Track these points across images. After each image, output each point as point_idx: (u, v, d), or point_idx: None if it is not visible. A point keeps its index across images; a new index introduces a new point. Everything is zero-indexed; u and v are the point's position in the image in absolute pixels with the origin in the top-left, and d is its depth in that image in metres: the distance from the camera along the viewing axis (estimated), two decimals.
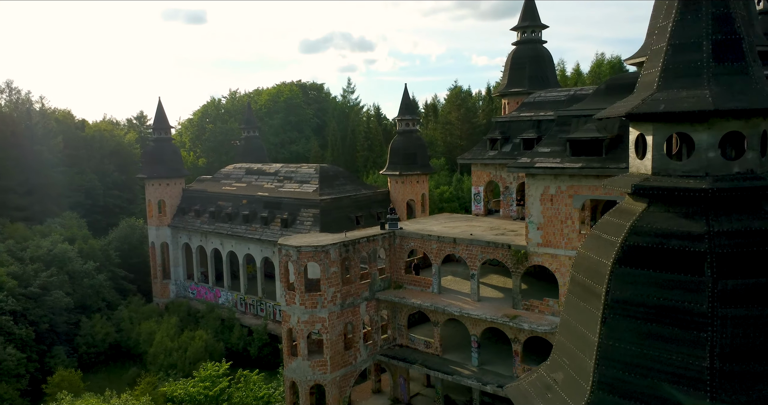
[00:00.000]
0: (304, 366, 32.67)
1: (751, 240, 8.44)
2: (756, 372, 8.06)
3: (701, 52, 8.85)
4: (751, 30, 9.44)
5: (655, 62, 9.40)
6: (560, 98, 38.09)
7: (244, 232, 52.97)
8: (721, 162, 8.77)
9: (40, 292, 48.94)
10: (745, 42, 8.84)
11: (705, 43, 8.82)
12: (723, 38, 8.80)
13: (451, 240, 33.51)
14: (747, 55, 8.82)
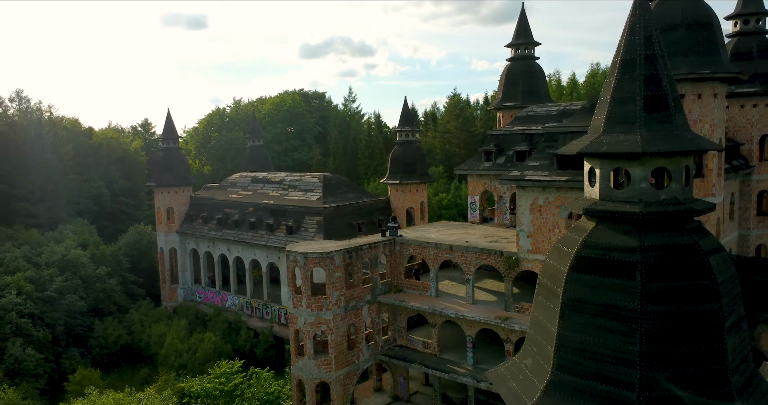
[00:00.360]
0: (311, 365, 35.04)
1: (673, 252, 10.85)
2: (674, 354, 10.47)
3: (635, 105, 11.29)
4: (675, 87, 11.87)
5: (602, 111, 11.86)
6: (551, 113, 40.56)
7: (250, 238, 55.38)
8: (651, 191, 11.19)
9: (56, 295, 51.38)
10: (669, 97, 11.27)
11: (638, 98, 11.27)
12: (652, 94, 11.23)
13: (447, 247, 35.95)
14: (671, 107, 11.25)
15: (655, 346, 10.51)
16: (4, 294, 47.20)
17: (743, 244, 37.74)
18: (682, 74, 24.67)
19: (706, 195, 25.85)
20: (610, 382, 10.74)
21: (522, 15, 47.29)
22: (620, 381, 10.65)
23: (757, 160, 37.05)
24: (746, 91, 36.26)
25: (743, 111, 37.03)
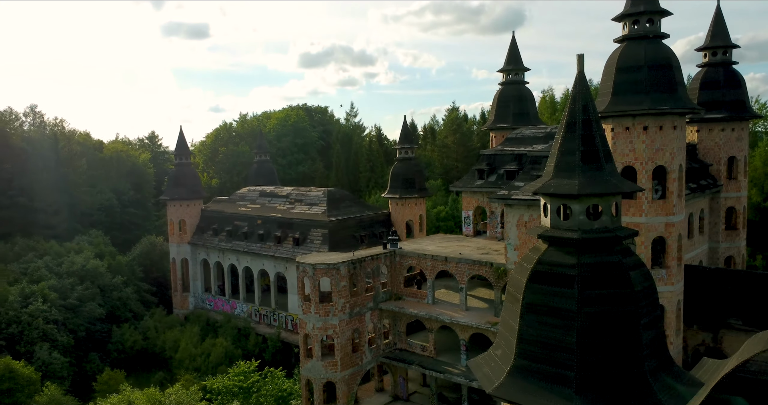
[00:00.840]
0: (318, 366, 38.67)
1: (602, 268, 14.54)
2: (602, 343, 14.15)
3: (575, 157, 15.02)
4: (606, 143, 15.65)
5: (552, 160, 15.60)
6: (538, 135, 44.40)
7: (259, 249, 59.05)
8: (587, 222, 14.88)
9: (77, 303, 55.05)
10: (600, 151, 15.03)
11: (577, 152, 15.03)
12: (587, 149, 14.99)
13: (443, 258, 39.68)
14: (602, 159, 15.00)
15: (587, 338, 14.21)
16: (31, 301, 50.87)
17: (713, 255, 41.43)
18: (644, 109, 28.48)
19: (668, 214, 29.56)
20: (556, 365, 14.42)
21: (513, 43, 51.28)
22: (563, 364, 14.32)
23: (724, 179, 40.82)
24: (714, 117, 40.11)
25: (712, 135, 40.87)
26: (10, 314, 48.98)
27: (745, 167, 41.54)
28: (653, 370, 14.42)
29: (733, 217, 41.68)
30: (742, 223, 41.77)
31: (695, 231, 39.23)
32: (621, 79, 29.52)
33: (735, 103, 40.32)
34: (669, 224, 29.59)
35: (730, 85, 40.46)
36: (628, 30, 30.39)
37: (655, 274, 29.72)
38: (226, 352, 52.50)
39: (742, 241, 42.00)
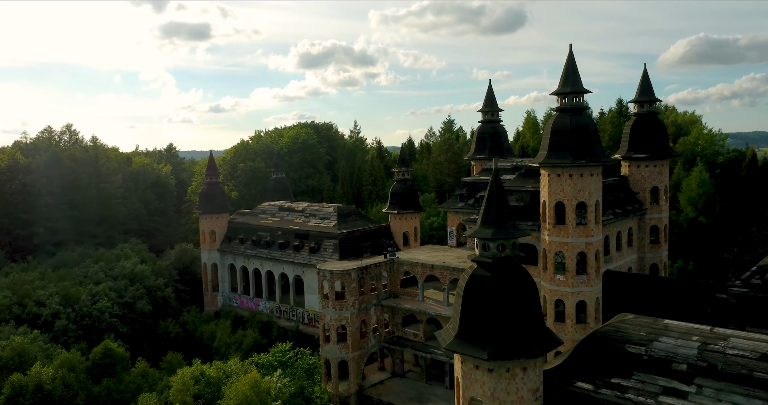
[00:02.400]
0: (334, 348, 51.07)
1: (503, 276, 26.90)
2: (503, 318, 26.55)
3: (491, 217, 27.39)
4: (509, 207, 28.09)
5: (479, 217, 27.97)
6: (507, 167, 56.74)
7: (279, 256, 71.38)
8: (497, 252, 27.19)
9: (131, 301, 67.50)
10: (505, 215, 27.33)
11: (493, 212, 27.39)
12: (497, 214, 27.35)
13: (430, 266, 52.04)
14: (505, 219, 27.32)
15: (493, 318, 26.65)
16: (97, 300, 63.29)
17: (641, 264, 53.79)
18: (568, 163, 40.73)
19: (587, 236, 41.82)
20: (477, 331, 26.82)
21: (489, 89, 63.73)
22: (480, 330, 26.75)
23: (648, 204, 53.13)
24: (639, 156, 52.47)
25: (639, 170, 53.25)
26: (84, 310, 61.40)
27: (665, 194, 53.87)
28: (529, 328, 26.82)
29: (656, 233, 54.02)
30: (663, 238, 54.08)
31: (624, 245, 51.59)
32: (554, 140, 41.89)
33: (657, 146, 52.61)
34: (588, 243, 41.92)
35: (653, 132, 52.74)
36: (559, 103, 42.82)
37: (578, 278, 42.11)
38: (254, 341, 64.75)
39: (664, 252, 54.30)
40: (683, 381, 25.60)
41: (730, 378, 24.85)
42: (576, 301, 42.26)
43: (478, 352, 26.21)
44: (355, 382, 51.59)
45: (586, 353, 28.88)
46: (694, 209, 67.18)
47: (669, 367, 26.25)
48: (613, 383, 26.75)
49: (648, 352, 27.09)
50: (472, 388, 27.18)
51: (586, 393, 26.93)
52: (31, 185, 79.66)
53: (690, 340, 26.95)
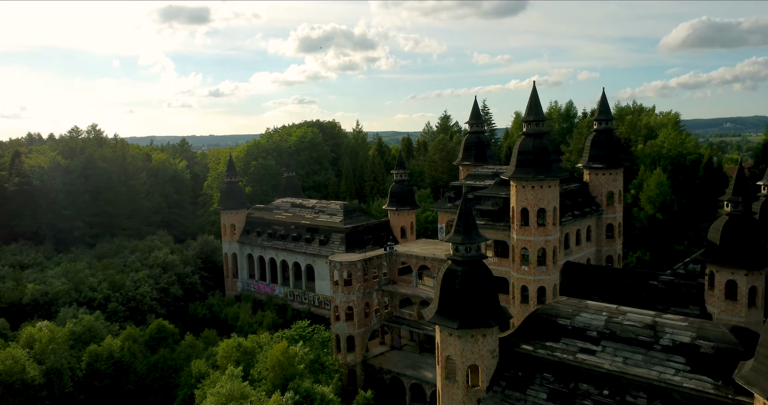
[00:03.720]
0: (343, 326, 62.58)
1: (470, 271, 38.08)
2: (465, 298, 37.83)
3: (461, 227, 38.49)
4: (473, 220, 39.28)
5: (453, 226, 39.08)
6: (488, 173, 67.79)
7: (293, 247, 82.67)
8: (465, 253, 38.29)
9: (166, 287, 78.98)
10: (471, 225, 38.37)
11: (461, 224, 38.50)
12: (465, 225, 38.38)
13: (422, 258, 63.36)
14: (471, 228, 38.37)
15: (461, 299, 38.03)
16: (139, 285, 74.73)
17: (598, 256, 65.08)
18: (531, 176, 51.72)
19: (546, 235, 52.95)
20: (450, 307, 38.18)
21: (475, 104, 74.67)
22: (453, 306, 38.14)
23: (605, 206, 64.29)
24: (597, 166, 63.58)
25: (597, 177, 64.36)
26: (129, 294, 72.85)
27: (619, 197, 64.96)
28: (486, 306, 38.19)
29: (611, 230, 65.26)
30: (618, 234, 65.28)
31: (583, 240, 62.85)
32: (520, 158, 52.92)
33: (611, 157, 63.62)
34: (547, 241, 53.14)
35: (609, 145, 63.69)
36: (525, 129, 53.86)
37: (539, 269, 53.40)
38: (273, 321, 76.23)
39: (618, 245, 65.56)
40: (593, 343, 37.02)
41: (624, 340, 36.26)
42: (537, 286, 53.67)
43: (451, 323, 37.57)
44: (360, 354, 63.26)
45: (530, 325, 40.34)
46: (652, 207, 78.33)
47: (585, 334, 37.67)
48: (547, 345, 38.19)
49: (571, 324, 38.51)
50: (447, 349, 38.61)
51: (527, 352, 38.38)
52: (71, 184, 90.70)
53: (600, 315, 38.36)
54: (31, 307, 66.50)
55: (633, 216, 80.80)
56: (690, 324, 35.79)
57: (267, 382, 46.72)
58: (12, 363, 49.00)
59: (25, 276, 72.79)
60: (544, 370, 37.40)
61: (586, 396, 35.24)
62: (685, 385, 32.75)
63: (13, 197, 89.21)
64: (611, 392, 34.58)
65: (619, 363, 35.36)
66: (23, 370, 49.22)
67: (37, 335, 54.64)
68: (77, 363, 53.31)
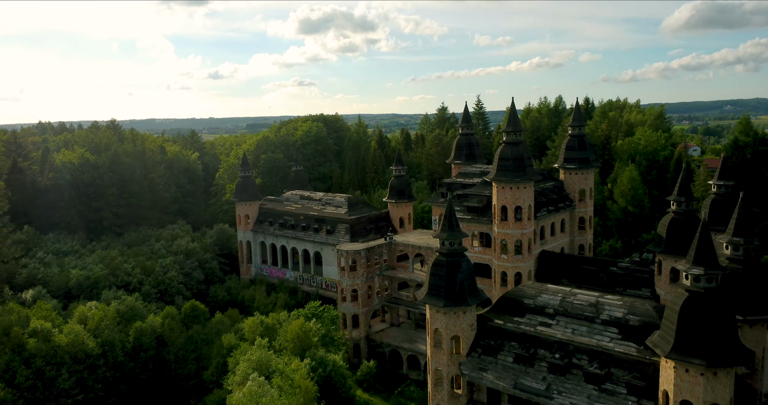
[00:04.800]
0: (349, 306, 72.90)
1: (452, 260, 48.05)
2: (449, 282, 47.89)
3: (446, 226, 48.34)
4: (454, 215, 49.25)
5: (440, 225, 48.94)
6: (476, 172, 77.63)
7: (302, 236, 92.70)
8: (450, 246, 48.19)
9: (189, 271, 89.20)
10: (455, 225, 48.25)
11: (446, 223, 48.37)
12: (450, 223, 48.28)
13: (418, 247, 73.42)
14: (455, 226, 48.22)
15: (446, 283, 48.19)
16: (167, 270, 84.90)
17: (572, 245, 75.15)
18: (509, 179, 61.47)
19: (522, 228, 62.89)
20: (439, 289, 48.35)
21: (465, 109, 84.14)
22: (440, 288, 48.35)
23: (577, 201, 74.18)
24: (570, 167, 73.35)
25: (570, 176, 74.18)
26: (159, 279, 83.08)
27: (590, 194, 74.80)
28: (466, 289, 48.31)
29: (583, 222, 75.23)
30: (588, 225, 75.26)
31: (558, 231, 72.83)
32: (500, 163, 62.69)
33: (583, 159, 73.35)
34: (523, 233, 63.13)
35: (581, 148, 73.39)
36: (505, 138, 63.58)
37: (516, 257, 63.48)
38: (285, 302, 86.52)
39: (589, 236, 75.59)
40: (550, 318, 47.21)
41: (573, 316, 46.43)
42: (515, 272, 63.88)
43: (438, 303, 47.70)
44: (364, 330, 73.72)
45: (501, 304, 50.53)
46: (624, 200, 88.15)
47: (543, 311, 47.85)
48: (514, 320, 48.38)
49: (533, 303, 48.70)
50: (435, 323, 48.78)
51: (498, 326, 48.59)
52: (100, 179, 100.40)
53: (556, 296, 48.52)
54: (76, 290, 76.70)
55: (607, 208, 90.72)
56: (623, 303, 46.02)
57: (288, 352, 57.00)
58: (74, 337, 59.30)
59: (67, 262, 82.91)
60: (512, 339, 47.72)
61: (542, 359, 45.57)
62: (617, 349, 43.05)
63: (47, 191, 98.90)
64: (561, 356, 44.90)
65: (569, 333, 45.64)
66: (83, 342, 59.54)
67: (90, 313, 64.91)
68: (125, 337, 63.61)
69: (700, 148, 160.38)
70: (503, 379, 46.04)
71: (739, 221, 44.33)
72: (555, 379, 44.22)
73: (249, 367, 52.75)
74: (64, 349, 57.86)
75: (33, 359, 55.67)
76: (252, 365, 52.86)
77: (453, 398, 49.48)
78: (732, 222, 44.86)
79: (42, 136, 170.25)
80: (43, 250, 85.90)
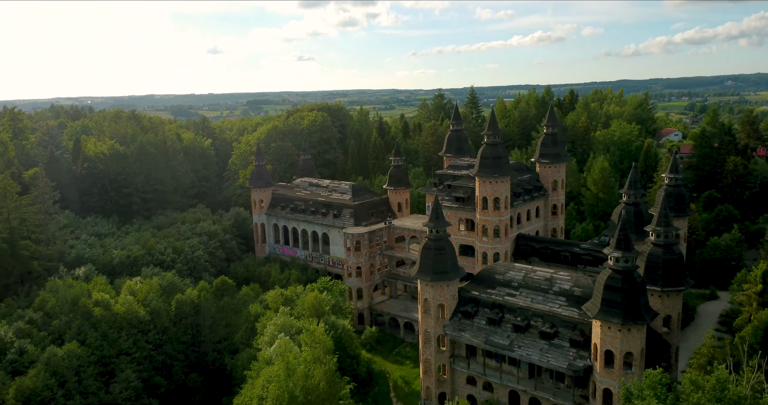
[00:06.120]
0: (354, 280, 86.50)
1: (438, 242, 61.19)
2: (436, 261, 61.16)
3: (434, 215, 61.36)
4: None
5: (429, 216, 61.97)
6: (464, 165, 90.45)
7: (311, 219, 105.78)
8: (436, 233, 61.28)
9: (213, 251, 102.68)
10: (441, 216, 61.21)
11: (433, 214, 61.44)
12: (437, 214, 61.33)
13: (414, 230, 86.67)
14: (440, 217, 61.25)
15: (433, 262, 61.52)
16: (195, 249, 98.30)
17: (545, 228, 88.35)
18: (488, 175, 74.29)
19: (500, 216, 75.87)
20: (428, 267, 61.71)
21: (456, 110, 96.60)
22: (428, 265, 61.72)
23: (551, 190, 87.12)
24: (544, 161, 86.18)
25: (545, 169, 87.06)
26: (188, 257, 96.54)
27: (562, 184, 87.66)
28: (449, 267, 61.68)
29: (555, 209, 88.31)
30: (560, 211, 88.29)
31: (533, 217, 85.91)
32: (482, 162, 75.50)
33: (555, 154, 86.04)
34: (500, 220, 76.19)
35: (554, 145, 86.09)
36: (486, 140, 76.37)
37: (495, 239, 76.71)
38: (297, 277, 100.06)
39: (560, 220, 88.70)
40: (515, 290, 60.64)
41: (532, 288, 59.83)
42: (493, 252, 77.18)
43: (427, 277, 61.02)
44: (367, 301, 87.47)
45: (477, 278, 63.91)
46: (596, 187, 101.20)
47: (510, 284, 61.26)
48: (487, 291, 61.81)
49: (503, 278, 62.08)
50: (425, 294, 62.18)
51: (474, 296, 62.03)
52: (129, 167, 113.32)
53: (520, 273, 61.89)
54: (119, 267, 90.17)
55: (582, 194, 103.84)
56: (571, 278, 59.48)
57: (305, 318, 70.63)
58: (128, 306, 72.88)
59: (108, 243, 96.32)
60: (485, 306, 61.24)
61: (508, 321, 59.14)
62: (563, 313, 56.59)
63: (82, 178, 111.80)
64: (522, 319, 58.44)
65: (528, 301, 59.17)
66: (136, 311, 73.13)
67: (137, 287, 78.48)
68: (168, 306, 77.20)
69: (682, 132, 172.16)
70: (477, 337, 59.68)
71: (661, 215, 57.41)
72: (517, 337, 57.87)
73: (276, 330, 66.35)
74: (122, 316, 71.52)
75: (99, 324, 69.25)
76: (278, 328, 66.47)
77: (439, 353, 63.21)
78: (656, 215, 57.97)
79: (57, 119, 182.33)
80: (85, 233, 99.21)
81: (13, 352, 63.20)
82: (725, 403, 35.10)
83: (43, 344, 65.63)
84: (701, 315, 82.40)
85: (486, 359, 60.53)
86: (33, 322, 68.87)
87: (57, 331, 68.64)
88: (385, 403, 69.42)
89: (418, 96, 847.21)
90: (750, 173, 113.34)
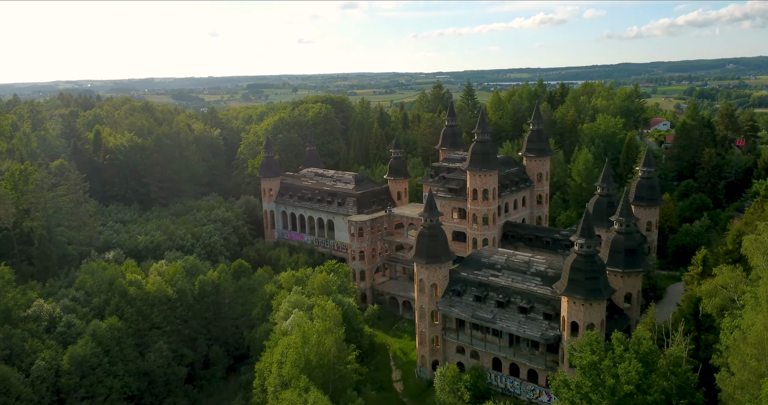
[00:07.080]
0: (357, 263, 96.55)
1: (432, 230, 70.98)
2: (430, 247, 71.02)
3: (428, 206, 71.09)
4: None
5: (424, 206, 71.63)
6: (457, 158, 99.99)
7: (318, 207, 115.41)
8: (430, 222, 71.08)
9: (228, 236, 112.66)
10: (434, 208, 70.86)
11: (428, 205, 71.12)
12: (430, 205, 71.02)
13: (411, 218, 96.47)
14: (434, 209, 70.90)
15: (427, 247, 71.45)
16: (211, 235, 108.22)
17: (531, 216, 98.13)
18: (478, 169, 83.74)
19: (489, 205, 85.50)
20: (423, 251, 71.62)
21: (450, 107, 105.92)
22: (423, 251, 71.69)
23: (536, 182, 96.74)
24: (530, 155, 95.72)
25: (531, 162, 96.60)
26: (206, 242, 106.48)
27: (547, 176, 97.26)
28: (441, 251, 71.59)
29: (540, 198, 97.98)
30: (545, 201, 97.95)
31: (520, 206, 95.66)
32: (472, 158, 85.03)
33: (540, 149, 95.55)
34: (489, 209, 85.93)
35: (539, 140, 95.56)
36: (476, 137, 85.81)
37: (484, 226, 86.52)
38: (305, 261, 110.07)
39: (545, 209, 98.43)
40: (498, 271, 70.62)
41: (513, 269, 69.79)
42: (483, 238, 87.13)
43: (421, 260, 70.90)
44: (369, 282, 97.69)
45: (467, 261, 73.87)
46: (580, 178, 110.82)
47: (494, 266, 71.23)
48: (474, 272, 71.79)
49: (488, 261, 72.02)
50: (420, 275, 72.10)
51: (463, 277, 72.00)
52: (147, 158, 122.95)
53: (503, 256, 71.84)
54: (144, 252, 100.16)
55: (567, 183, 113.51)
56: (546, 261, 69.47)
57: (315, 296, 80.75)
58: (158, 286, 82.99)
59: (132, 229, 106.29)
60: (472, 285, 71.29)
61: (491, 298, 69.21)
62: (538, 291, 66.63)
63: (103, 169, 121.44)
64: (503, 296, 68.51)
65: (509, 281, 69.21)
66: (164, 290, 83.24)
67: (163, 269, 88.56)
68: (192, 286, 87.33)
69: (670, 122, 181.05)
70: (465, 312, 69.78)
71: (623, 206, 67.16)
72: (498, 311, 67.97)
73: (290, 306, 76.50)
74: (153, 295, 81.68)
75: (134, 301, 79.43)
76: (292, 304, 76.60)
77: (432, 326, 73.37)
78: (619, 207, 67.72)
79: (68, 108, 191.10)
80: (111, 220, 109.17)
81: (62, 325, 73.35)
82: (640, 354, 45.45)
83: (86, 318, 75.82)
84: (669, 294, 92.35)
85: (473, 331, 70.68)
86: (76, 300, 78.97)
87: (97, 308, 78.76)
88: (386, 369, 79.83)
89: (418, 80, 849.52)
90: (727, 164, 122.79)
